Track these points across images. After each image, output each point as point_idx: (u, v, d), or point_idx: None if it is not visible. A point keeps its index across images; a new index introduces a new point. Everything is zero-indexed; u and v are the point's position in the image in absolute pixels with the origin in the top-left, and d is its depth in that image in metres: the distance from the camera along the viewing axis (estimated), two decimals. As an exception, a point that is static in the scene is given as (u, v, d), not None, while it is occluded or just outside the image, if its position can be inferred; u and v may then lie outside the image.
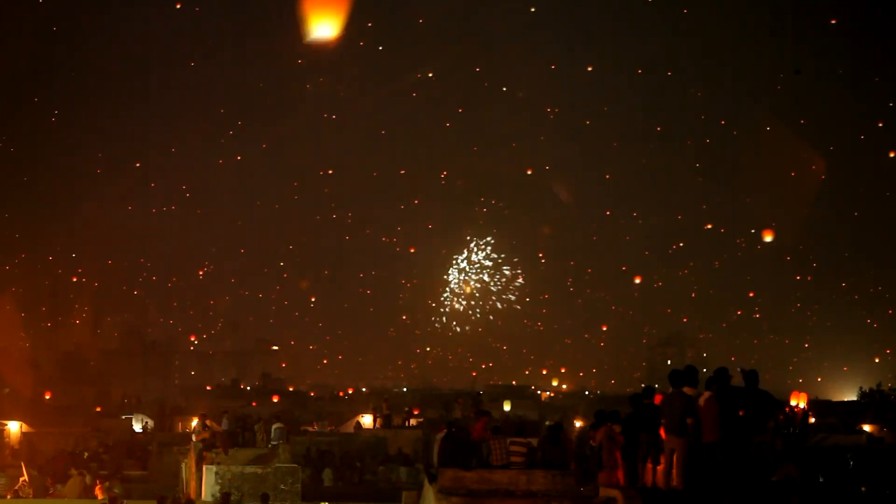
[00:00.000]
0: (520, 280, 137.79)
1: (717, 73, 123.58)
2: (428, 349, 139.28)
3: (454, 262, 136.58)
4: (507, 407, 55.23)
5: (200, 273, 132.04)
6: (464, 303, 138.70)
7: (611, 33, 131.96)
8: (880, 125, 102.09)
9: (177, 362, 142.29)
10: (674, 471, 13.40)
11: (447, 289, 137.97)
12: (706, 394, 13.50)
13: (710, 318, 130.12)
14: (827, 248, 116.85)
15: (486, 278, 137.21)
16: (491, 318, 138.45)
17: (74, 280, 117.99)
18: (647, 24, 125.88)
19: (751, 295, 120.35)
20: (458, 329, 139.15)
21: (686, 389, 13.74)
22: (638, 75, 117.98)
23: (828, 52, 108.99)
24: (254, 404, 65.43)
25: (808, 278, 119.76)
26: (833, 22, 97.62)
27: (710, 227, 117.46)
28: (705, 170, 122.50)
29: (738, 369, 13.80)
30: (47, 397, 64.04)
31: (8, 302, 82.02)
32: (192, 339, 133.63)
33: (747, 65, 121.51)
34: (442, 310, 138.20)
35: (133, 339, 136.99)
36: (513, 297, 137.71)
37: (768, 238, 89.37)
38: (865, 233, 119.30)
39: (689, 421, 13.33)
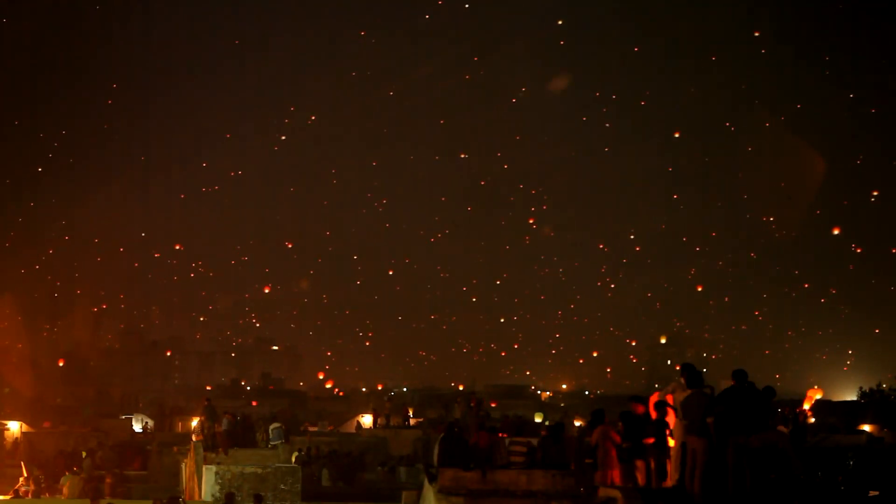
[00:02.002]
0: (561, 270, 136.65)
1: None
2: (463, 347, 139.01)
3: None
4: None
5: (233, 262, 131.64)
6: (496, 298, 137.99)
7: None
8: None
9: (177, 362, 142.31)
10: (696, 472, 13.24)
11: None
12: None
13: (709, 318, 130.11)
14: (826, 248, 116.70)
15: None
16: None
17: (75, 280, 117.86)
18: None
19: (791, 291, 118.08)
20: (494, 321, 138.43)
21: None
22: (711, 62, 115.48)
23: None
24: (254, 404, 65.35)
25: (806, 285, 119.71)
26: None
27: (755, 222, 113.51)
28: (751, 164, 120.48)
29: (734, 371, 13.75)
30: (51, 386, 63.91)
31: (8, 302, 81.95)
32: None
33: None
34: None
35: (133, 339, 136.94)
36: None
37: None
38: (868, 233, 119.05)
39: (709, 421, 13.23)
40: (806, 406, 21.76)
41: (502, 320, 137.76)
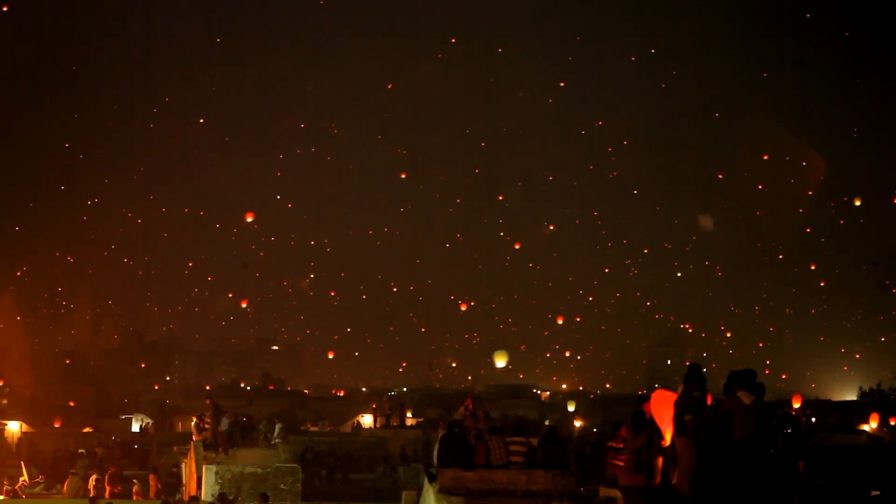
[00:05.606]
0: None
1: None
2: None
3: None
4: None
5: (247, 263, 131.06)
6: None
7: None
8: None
9: (177, 362, 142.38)
10: (685, 472, 13.24)
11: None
12: (752, 396, 13.24)
13: (710, 318, 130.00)
14: (826, 247, 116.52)
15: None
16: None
17: (75, 279, 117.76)
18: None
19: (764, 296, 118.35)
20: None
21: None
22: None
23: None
24: (271, 388, 65.19)
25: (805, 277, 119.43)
26: None
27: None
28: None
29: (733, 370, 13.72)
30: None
31: (8, 302, 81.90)
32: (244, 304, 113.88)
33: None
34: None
35: (133, 339, 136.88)
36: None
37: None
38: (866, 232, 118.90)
39: (687, 418, 13.20)
40: (796, 405, 21.81)
41: (494, 322, 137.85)
